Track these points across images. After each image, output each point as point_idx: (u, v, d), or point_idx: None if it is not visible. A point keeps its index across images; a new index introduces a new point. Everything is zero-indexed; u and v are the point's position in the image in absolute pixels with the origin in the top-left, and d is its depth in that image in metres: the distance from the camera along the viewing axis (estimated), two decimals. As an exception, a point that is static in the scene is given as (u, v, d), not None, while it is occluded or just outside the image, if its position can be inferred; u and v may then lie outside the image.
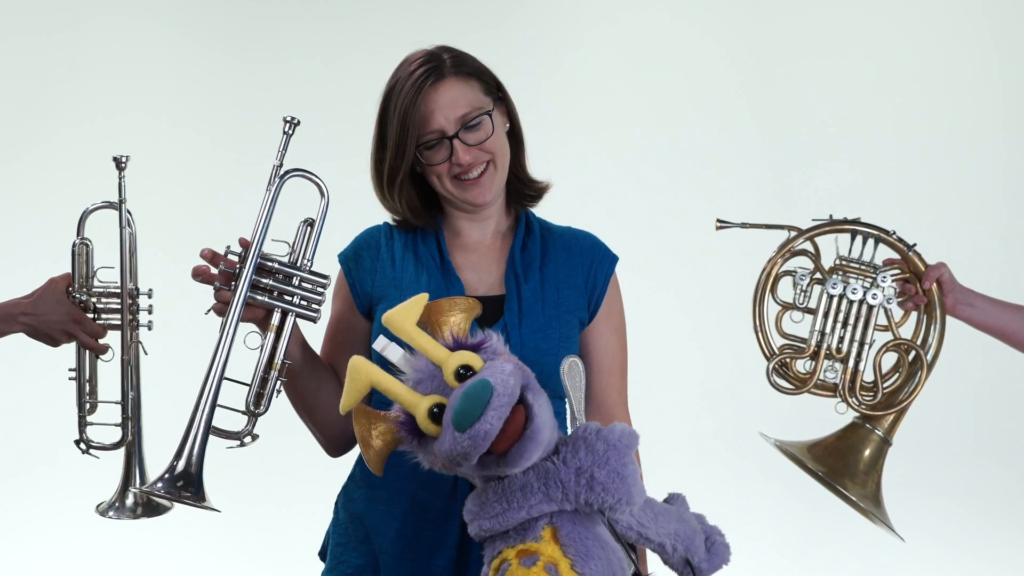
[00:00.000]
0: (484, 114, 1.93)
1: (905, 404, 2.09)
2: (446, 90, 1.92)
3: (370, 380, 1.63)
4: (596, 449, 1.65)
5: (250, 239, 1.89)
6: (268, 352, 1.90)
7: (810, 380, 2.11)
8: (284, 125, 1.93)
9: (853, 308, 2.10)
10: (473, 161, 1.92)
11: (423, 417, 1.61)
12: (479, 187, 1.94)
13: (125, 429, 2.09)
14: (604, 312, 2.04)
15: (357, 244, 2.06)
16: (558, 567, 1.63)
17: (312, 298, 1.90)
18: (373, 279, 2.00)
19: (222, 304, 1.87)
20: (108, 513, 2.09)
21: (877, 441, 2.10)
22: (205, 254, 1.89)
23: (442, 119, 1.91)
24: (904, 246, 2.11)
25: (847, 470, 2.08)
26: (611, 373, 2.05)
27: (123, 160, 2.06)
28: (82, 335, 2.03)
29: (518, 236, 2.02)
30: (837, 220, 2.14)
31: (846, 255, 2.12)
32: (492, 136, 1.94)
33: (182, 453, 1.81)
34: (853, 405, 2.10)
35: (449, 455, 1.58)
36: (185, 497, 1.79)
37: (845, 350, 2.10)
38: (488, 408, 1.55)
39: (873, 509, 2.05)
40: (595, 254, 2.05)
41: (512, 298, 1.95)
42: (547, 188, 2.07)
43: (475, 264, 2.01)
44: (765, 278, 2.13)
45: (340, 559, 2.01)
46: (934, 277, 2.08)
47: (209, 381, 1.83)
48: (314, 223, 1.93)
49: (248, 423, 1.92)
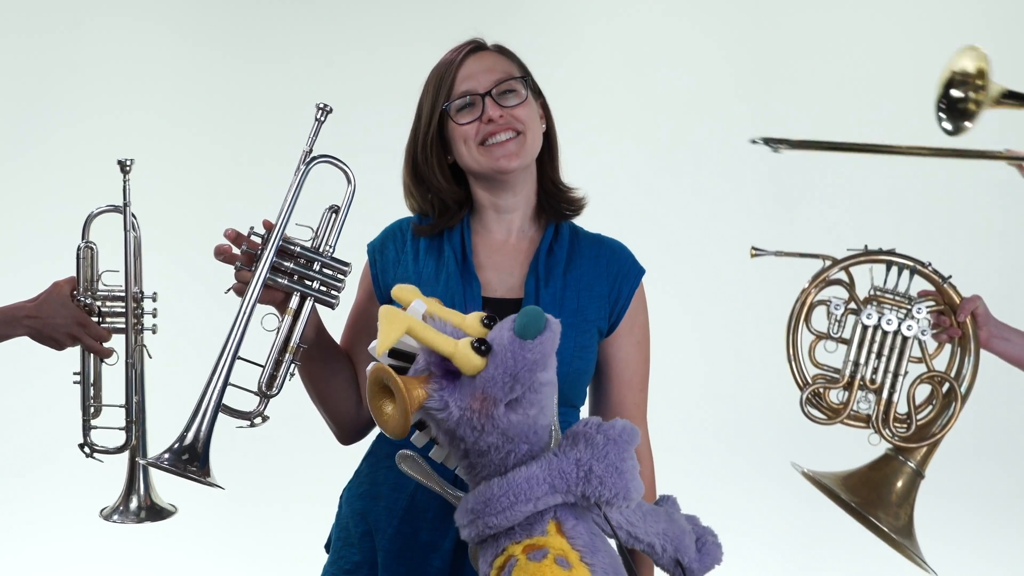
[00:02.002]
0: (518, 79, 1.94)
1: (938, 437, 2.10)
2: (483, 58, 1.95)
3: (407, 324, 1.60)
4: (595, 442, 1.64)
5: (274, 222, 1.88)
6: (284, 335, 1.89)
7: (843, 411, 2.11)
8: (316, 112, 1.92)
9: (887, 339, 2.10)
10: (502, 122, 1.91)
11: (465, 348, 1.59)
12: (505, 150, 1.92)
13: (129, 433, 2.09)
14: (627, 324, 2.02)
15: (384, 235, 2.05)
16: (568, 559, 1.62)
17: (332, 284, 1.90)
18: (395, 271, 1.99)
19: (242, 284, 1.87)
20: (112, 517, 2.09)
21: (910, 473, 2.11)
22: (229, 234, 1.88)
23: (475, 82, 1.92)
24: (939, 278, 2.11)
25: (880, 501, 2.08)
26: (630, 385, 2.03)
27: (128, 163, 2.06)
28: (86, 339, 2.03)
29: (546, 239, 2.00)
30: (872, 251, 2.14)
31: (881, 285, 2.12)
32: (524, 104, 1.93)
33: (191, 428, 1.79)
34: (886, 437, 2.10)
35: (510, 372, 1.58)
36: (190, 471, 1.77)
37: (879, 381, 2.10)
38: (549, 321, 1.61)
39: (906, 541, 2.06)
40: (622, 265, 2.03)
41: (529, 302, 1.94)
42: (584, 201, 2.04)
43: (498, 264, 1.99)
44: (799, 307, 2.13)
45: (340, 554, 2.00)
46: (969, 310, 2.08)
47: (223, 359, 1.82)
48: (339, 210, 1.93)
49: (259, 404, 1.91)
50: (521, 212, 2.01)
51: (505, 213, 2.00)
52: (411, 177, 2.00)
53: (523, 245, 2.01)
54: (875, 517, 2.06)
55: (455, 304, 1.87)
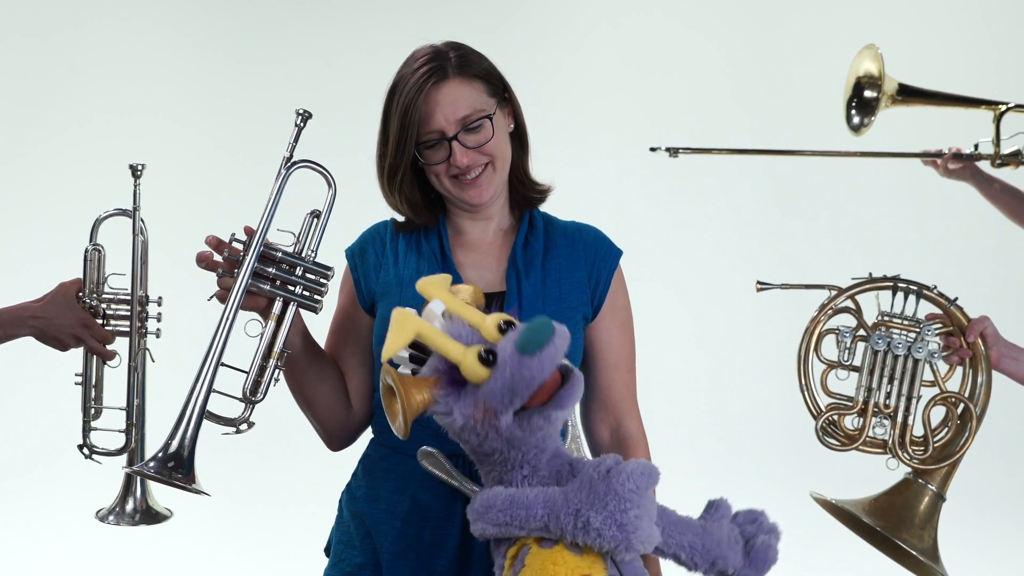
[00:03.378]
0: (485, 117, 1.93)
1: (957, 457, 2.11)
2: (448, 90, 1.92)
3: (417, 328, 1.61)
4: (597, 491, 1.62)
5: (255, 228, 1.88)
6: (268, 340, 1.89)
7: (859, 437, 2.12)
8: (296, 118, 1.93)
9: (899, 363, 2.11)
10: (471, 163, 1.92)
11: (472, 359, 1.60)
12: (477, 187, 1.94)
13: (129, 435, 2.09)
14: (608, 307, 2.02)
15: (363, 240, 2.06)
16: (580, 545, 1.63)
17: (315, 289, 1.90)
18: (376, 275, 2.01)
19: (224, 291, 1.87)
20: (108, 519, 2.09)
21: (931, 495, 2.11)
22: (210, 241, 1.88)
23: (442, 119, 1.91)
24: (946, 300, 2.13)
25: (904, 524, 2.08)
26: (617, 368, 2.03)
27: (139, 168, 2.07)
28: (90, 340, 2.04)
29: (521, 233, 2.01)
30: (877, 278, 2.15)
31: (888, 310, 2.14)
32: (492, 139, 1.93)
33: (175, 435, 1.78)
34: (904, 460, 2.11)
35: (509, 385, 1.58)
36: (176, 479, 1.76)
37: (893, 405, 2.11)
38: (555, 336, 1.59)
39: (932, 563, 2.07)
40: (599, 248, 2.04)
41: (512, 295, 1.94)
42: (550, 191, 2.06)
43: (477, 262, 2.00)
44: (808, 337, 2.14)
45: (341, 557, 2.01)
46: (978, 330, 2.10)
47: (206, 366, 1.81)
48: (320, 215, 1.93)
49: (244, 410, 1.90)
50: (495, 218, 2.03)
51: (480, 221, 2.03)
52: (384, 191, 2.01)
53: (499, 240, 2.03)
54: (901, 540, 2.06)
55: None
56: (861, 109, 2.90)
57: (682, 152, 2.63)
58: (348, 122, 3.47)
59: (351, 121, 3.47)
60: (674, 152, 2.61)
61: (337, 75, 4.28)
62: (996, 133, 2.73)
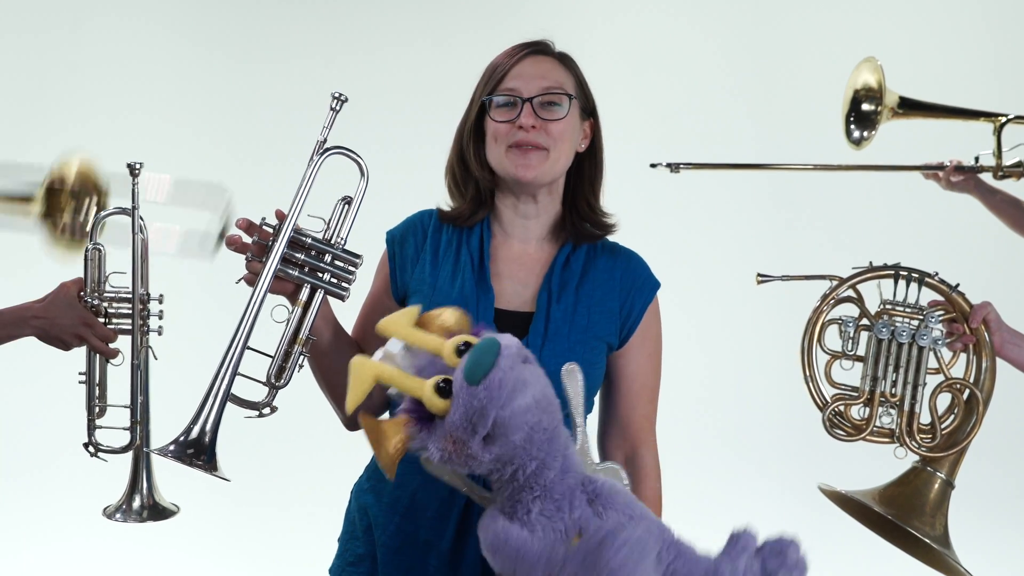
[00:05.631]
0: (566, 95, 1.94)
1: (964, 444, 2.10)
2: (540, 62, 1.95)
3: (374, 373, 1.59)
4: (588, 562, 1.60)
5: (286, 212, 1.87)
6: (294, 326, 1.88)
7: (866, 427, 2.12)
8: (332, 101, 1.90)
9: (903, 351, 2.11)
10: (533, 133, 1.91)
11: (430, 393, 1.57)
12: (526, 160, 1.92)
13: (133, 433, 2.07)
14: (639, 336, 2.01)
15: (405, 227, 2.04)
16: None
17: (343, 276, 1.88)
18: (413, 269, 1.99)
19: (252, 275, 1.85)
20: (115, 516, 2.07)
21: (941, 483, 2.10)
22: (241, 224, 1.87)
23: (523, 82, 1.93)
24: (947, 287, 2.13)
25: (915, 512, 2.07)
26: (639, 397, 2.02)
27: (136, 167, 2.06)
28: (93, 339, 2.03)
29: (563, 251, 2.00)
30: (878, 266, 2.15)
31: (891, 299, 2.14)
32: (563, 120, 1.93)
33: (198, 418, 1.76)
34: (913, 448, 2.10)
35: (465, 416, 1.54)
36: (197, 464, 1.74)
37: (899, 394, 2.11)
38: (500, 358, 1.54)
39: (944, 550, 2.06)
40: (636, 280, 2.02)
41: (540, 317, 1.93)
42: (615, 227, 2.05)
43: (514, 274, 1.98)
44: (812, 328, 2.14)
45: (346, 547, 2.01)
46: (981, 316, 2.10)
47: (232, 349, 1.80)
48: (352, 201, 1.91)
49: (268, 395, 1.89)
50: (541, 222, 2.01)
51: (524, 219, 2.00)
52: (456, 159, 2.01)
53: (540, 256, 2.01)
54: (913, 528, 2.05)
55: (468, 310, 1.87)
56: (861, 123, 2.90)
57: (683, 168, 2.59)
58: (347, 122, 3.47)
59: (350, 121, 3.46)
60: (675, 168, 2.57)
61: (337, 75, 4.28)
62: (997, 145, 2.73)
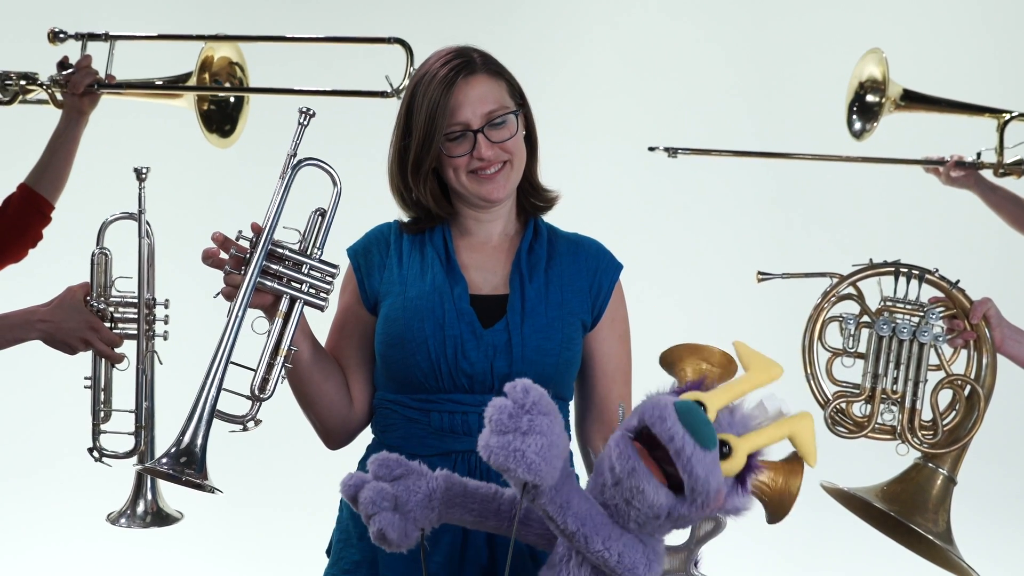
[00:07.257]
0: (510, 113, 1.97)
1: (966, 440, 2.11)
2: (476, 84, 1.95)
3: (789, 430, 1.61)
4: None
5: (262, 225, 1.88)
6: (275, 338, 1.88)
7: (868, 424, 2.12)
8: (300, 116, 1.93)
9: (904, 347, 2.12)
10: (493, 158, 1.95)
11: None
12: (494, 183, 1.96)
13: (138, 438, 2.10)
14: (608, 318, 2.04)
15: (367, 240, 2.07)
16: None
17: (321, 287, 1.90)
18: (381, 275, 2.02)
19: (231, 288, 1.86)
20: (119, 521, 2.09)
21: (943, 479, 2.11)
22: (216, 238, 1.88)
23: (469, 112, 1.94)
24: (947, 284, 2.13)
25: (918, 508, 2.07)
26: (614, 379, 2.04)
27: (144, 172, 2.09)
28: (98, 343, 2.05)
29: (526, 238, 2.04)
30: (878, 263, 2.16)
31: (891, 296, 2.14)
32: (514, 137, 1.97)
33: (186, 433, 1.77)
34: (915, 445, 2.10)
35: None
36: (188, 475, 1.74)
37: (900, 390, 2.11)
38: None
39: (947, 546, 2.06)
40: (600, 260, 2.06)
41: (516, 297, 1.96)
42: (557, 198, 2.09)
43: (481, 264, 2.02)
44: (812, 326, 2.15)
45: (340, 555, 2.00)
46: (981, 311, 2.10)
47: (215, 363, 1.81)
48: (326, 213, 1.93)
49: (252, 408, 1.89)
50: (503, 220, 2.05)
51: (486, 223, 2.04)
52: (402, 185, 2.02)
53: (504, 244, 2.05)
54: (916, 524, 2.05)
55: (443, 300, 1.92)
56: (863, 114, 2.90)
57: (681, 153, 2.65)
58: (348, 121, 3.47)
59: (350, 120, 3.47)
60: (673, 152, 2.63)
61: (336, 75, 4.29)
62: (1000, 142, 2.73)
